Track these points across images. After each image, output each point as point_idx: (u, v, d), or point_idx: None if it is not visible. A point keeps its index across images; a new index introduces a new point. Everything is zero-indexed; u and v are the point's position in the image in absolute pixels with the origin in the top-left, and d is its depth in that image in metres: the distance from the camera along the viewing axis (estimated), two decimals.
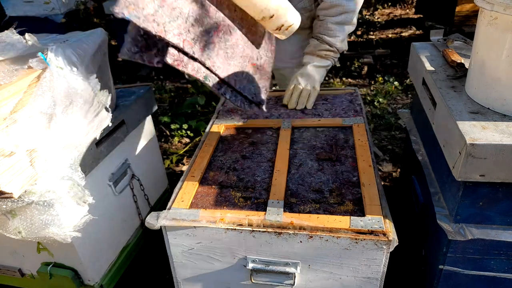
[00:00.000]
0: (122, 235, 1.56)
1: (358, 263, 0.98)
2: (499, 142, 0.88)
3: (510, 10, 0.89)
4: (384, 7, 6.22)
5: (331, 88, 1.87)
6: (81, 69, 1.19)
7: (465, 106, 1.04)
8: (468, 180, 0.94)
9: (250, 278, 1.07)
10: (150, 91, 1.68)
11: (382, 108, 3.14)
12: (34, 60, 1.05)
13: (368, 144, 1.27)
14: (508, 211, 0.99)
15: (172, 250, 1.08)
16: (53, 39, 1.28)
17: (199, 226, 1.01)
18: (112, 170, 1.46)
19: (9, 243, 1.35)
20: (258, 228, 0.99)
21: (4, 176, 0.99)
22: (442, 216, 1.06)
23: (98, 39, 1.30)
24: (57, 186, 1.09)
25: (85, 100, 1.19)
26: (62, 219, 1.11)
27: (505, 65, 0.95)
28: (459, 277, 1.13)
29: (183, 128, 2.97)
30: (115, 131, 1.44)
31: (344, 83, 3.72)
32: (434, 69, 1.27)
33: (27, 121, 1.01)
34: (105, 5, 3.96)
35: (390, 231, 0.93)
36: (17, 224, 1.11)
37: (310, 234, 0.96)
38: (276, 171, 1.18)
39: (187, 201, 1.09)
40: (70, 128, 1.15)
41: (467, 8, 3.75)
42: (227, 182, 1.17)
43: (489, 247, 1.06)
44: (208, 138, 1.40)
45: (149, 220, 1.03)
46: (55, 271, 1.36)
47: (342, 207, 1.03)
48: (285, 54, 1.79)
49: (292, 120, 1.46)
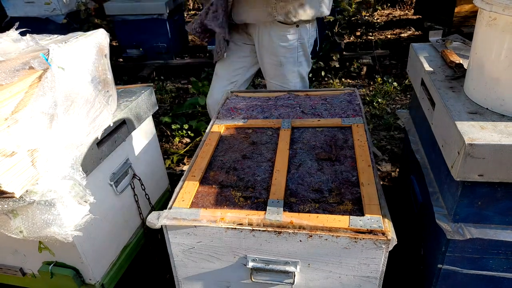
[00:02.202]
0: (123, 235, 1.56)
1: (357, 262, 0.98)
2: (498, 142, 0.88)
3: (509, 11, 0.90)
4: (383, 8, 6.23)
5: (330, 88, 1.88)
6: (82, 70, 1.20)
7: (464, 107, 1.05)
8: (467, 180, 0.95)
9: (250, 277, 1.08)
10: (151, 92, 1.68)
11: (381, 108, 3.15)
12: (35, 60, 1.05)
13: (367, 144, 1.27)
14: (506, 211, 1.00)
15: (173, 249, 1.09)
16: (54, 39, 1.29)
17: (199, 225, 1.02)
18: (113, 170, 1.47)
19: (11, 243, 1.35)
20: (258, 227, 0.99)
21: (6, 176, 0.99)
22: (441, 216, 1.07)
23: (99, 39, 1.31)
24: (58, 186, 1.10)
25: (86, 100, 1.20)
26: (63, 219, 1.11)
27: (503, 66, 0.96)
28: (458, 276, 1.14)
29: (183, 128, 2.98)
30: (116, 131, 1.44)
31: (344, 84, 3.73)
32: (433, 70, 1.28)
33: (29, 121, 1.02)
34: (106, 5, 3.97)
35: (389, 230, 0.94)
36: (18, 223, 1.11)
37: (310, 234, 0.96)
38: (276, 171, 1.18)
39: (187, 200, 1.09)
40: (71, 128, 1.15)
41: (466, 9, 3.76)
42: (227, 182, 1.18)
43: (487, 247, 1.06)
44: (209, 138, 1.40)
45: (150, 219, 1.04)
46: (56, 270, 1.36)
47: (341, 207, 1.03)
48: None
49: (292, 120, 1.46)
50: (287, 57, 1.91)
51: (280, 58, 1.91)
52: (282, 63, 1.92)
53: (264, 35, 1.88)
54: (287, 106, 1.59)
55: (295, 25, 1.84)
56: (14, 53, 1.12)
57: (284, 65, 1.92)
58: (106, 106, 1.33)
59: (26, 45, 1.15)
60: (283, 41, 1.87)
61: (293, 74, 1.97)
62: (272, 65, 1.95)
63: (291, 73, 1.95)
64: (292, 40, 1.88)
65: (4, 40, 1.15)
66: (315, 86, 3.74)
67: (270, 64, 1.95)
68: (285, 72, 1.94)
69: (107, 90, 1.36)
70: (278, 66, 1.93)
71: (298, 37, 1.88)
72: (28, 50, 1.13)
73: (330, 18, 3.61)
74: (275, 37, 1.86)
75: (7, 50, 1.13)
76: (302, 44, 1.91)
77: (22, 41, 1.16)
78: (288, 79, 1.97)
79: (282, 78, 1.97)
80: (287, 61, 1.92)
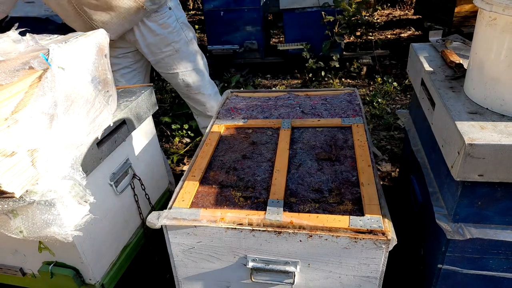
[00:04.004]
0: (123, 235, 1.56)
1: (357, 262, 0.98)
2: (498, 142, 0.88)
3: (509, 11, 0.90)
4: (383, 8, 6.23)
5: (330, 88, 1.88)
6: (82, 70, 1.20)
7: (464, 107, 1.05)
8: (467, 180, 0.95)
9: (250, 277, 1.08)
10: (151, 92, 1.68)
11: (381, 108, 3.15)
12: (35, 60, 1.05)
13: (367, 144, 1.27)
14: (506, 211, 1.00)
15: (173, 249, 1.09)
16: (54, 39, 1.29)
17: (199, 225, 1.02)
18: (113, 170, 1.46)
19: (11, 243, 1.35)
20: (258, 227, 0.99)
21: (6, 176, 0.99)
22: (441, 216, 1.07)
23: (99, 39, 1.31)
24: (58, 186, 1.09)
25: (86, 100, 1.20)
26: (63, 219, 1.11)
27: (503, 66, 0.96)
28: (458, 276, 1.14)
29: (183, 128, 2.98)
30: (116, 131, 1.44)
31: (344, 84, 3.73)
32: (433, 70, 1.28)
33: (29, 121, 1.01)
34: None
35: (389, 230, 0.94)
36: (18, 223, 1.11)
37: (310, 234, 0.96)
38: (276, 171, 1.18)
39: (187, 200, 1.10)
40: (72, 128, 1.15)
41: (466, 9, 3.76)
42: (227, 182, 1.18)
43: (487, 247, 1.06)
44: (209, 138, 1.40)
45: (150, 219, 1.04)
46: (56, 270, 1.36)
47: (341, 207, 1.03)
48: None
49: (292, 120, 1.46)
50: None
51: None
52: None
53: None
54: (287, 106, 1.59)
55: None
56: (14, 53, 1.12)
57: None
58: (106, 106, 1.33)
59: (26, 45, 1.15)
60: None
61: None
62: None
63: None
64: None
65: (4, 40, 1.15)
66: (315, 86, 3.74)
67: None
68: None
69: (107, 90, 1.36)
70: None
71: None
72: (28, 50, 1.13)
73: (330, 18, 3.61)
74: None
75: (7, 50, 1.12)
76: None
77: (22, 41, 1.15)
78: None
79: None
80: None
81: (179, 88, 2.10)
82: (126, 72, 2.03)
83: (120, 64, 2.00)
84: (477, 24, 1.04)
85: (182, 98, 2.21)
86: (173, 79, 2.05)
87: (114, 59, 1.95)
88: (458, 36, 1.49)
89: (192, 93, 2.10)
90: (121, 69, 2.01)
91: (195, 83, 2.07)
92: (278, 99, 1.66)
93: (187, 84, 2.06)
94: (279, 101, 1.64)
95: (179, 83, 2.06)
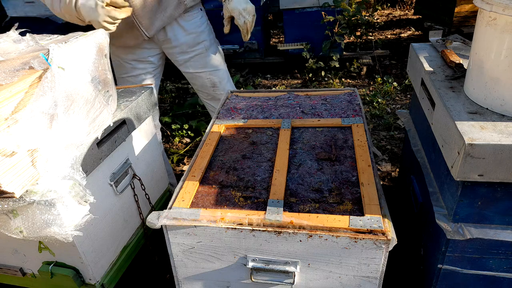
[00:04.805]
0: (123, 235, 1.56)
1: (357, 262, 0.98)
2: (498, 142, 0.88)
3: (509, 11, 0.90)
4: (383, 8, 6.23)
5: (330, 88, 1.88)
6: (82, 70, 1.20)
7: (464, 107, 1.05)
8: (467, 180, 0.95)
9: (250, 277, 1.08)
10: (151, 92, 1.68)
11: (381, 108, 3.15)
12: (35, 60, 1.05)
13: (367, 144, 1.27)
14: (506, 211, 1.00)
15: (173, 249, 1.09)
16: (54, 39, 1.29)
17: (199, 225, 1.02)
18: (113, 170, 1.47)
19: (11, 243, 1.36)
20: (258, 227, 0.99)
21: (6, 176, 0.99)
22: (440, 216, 1.07)
23: (99, 39, 1.31)
24: (58, 186, 1.10)
25: (86, 100, 1.20)
26: (63, 219, 1.11)
27: (504, 66, 0.96)
28: (458, 276, 1.14)
29: (183, 128, 2.98)
30: (116, 131, 1.44)
31: (343, 84, 3.73)
32: (433, 70, 1.28)
33: (29, 121, 1.01)
34: None
35: (389, 230, 0.94)
36: (18, 223, 1.11)
37: (310, 233, 0.96)
38: (276, 170, 1.18)
39: (187, 200, 1.10)
40: (72, 128, 1.15)
41: (466, 9, 3.76)
42: (227, 182, 1.18)
43: (487, 247, 1.06)
44: (209, 138, 1.40)
45: (150, 219, 1.04)
46: (56, 270, 1.36)
47: (341, 207, 1.04)
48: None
49: (292, 120, 1.46)
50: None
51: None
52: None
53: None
54: (287, 106, 1.59)
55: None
56: (14, 53, 1.12)
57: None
58: (106, 106, 1.33)
59: (26, 45, 1.15)
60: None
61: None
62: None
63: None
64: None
65: (4, 40, 1.16)
66: (315, 86, 3.74)
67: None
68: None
69: (107, 90, 1.36)
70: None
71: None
72: (28, 50, 1.13)
73: (330, 18, 3.61)
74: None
75: (7, 50, 1.13)
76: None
77: (22, 41, 1.16)
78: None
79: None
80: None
81: (205, 88, 2.06)
82: (147, 77, 2.02)
83: (145, 68, 1.99)
84: (477, 24, 1.04)
85: (203, 101, 2.17)
86: (200, 78, 2.02)
87: (137, 63, 1.94)
88: (458, 36, 1.49)
89: (217, 93, 2.07)
90: (143, 74, 2.00)
91: (222, 82, 2.05)
92: (278, 99, 1.66)
93: (213, 84, 2.03)
94: (279, 101, 1.64)
95: (206, 83, 2.03)
